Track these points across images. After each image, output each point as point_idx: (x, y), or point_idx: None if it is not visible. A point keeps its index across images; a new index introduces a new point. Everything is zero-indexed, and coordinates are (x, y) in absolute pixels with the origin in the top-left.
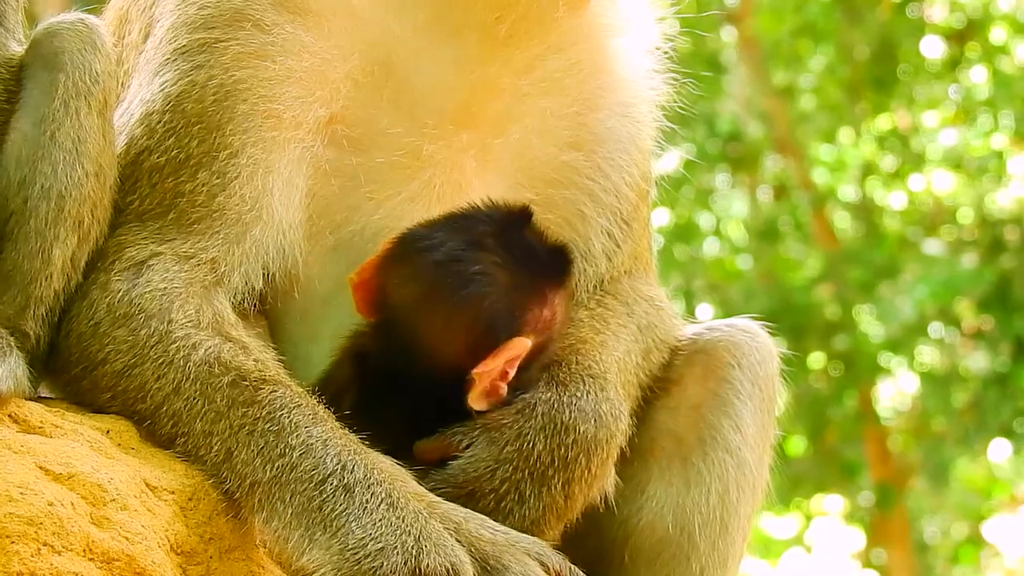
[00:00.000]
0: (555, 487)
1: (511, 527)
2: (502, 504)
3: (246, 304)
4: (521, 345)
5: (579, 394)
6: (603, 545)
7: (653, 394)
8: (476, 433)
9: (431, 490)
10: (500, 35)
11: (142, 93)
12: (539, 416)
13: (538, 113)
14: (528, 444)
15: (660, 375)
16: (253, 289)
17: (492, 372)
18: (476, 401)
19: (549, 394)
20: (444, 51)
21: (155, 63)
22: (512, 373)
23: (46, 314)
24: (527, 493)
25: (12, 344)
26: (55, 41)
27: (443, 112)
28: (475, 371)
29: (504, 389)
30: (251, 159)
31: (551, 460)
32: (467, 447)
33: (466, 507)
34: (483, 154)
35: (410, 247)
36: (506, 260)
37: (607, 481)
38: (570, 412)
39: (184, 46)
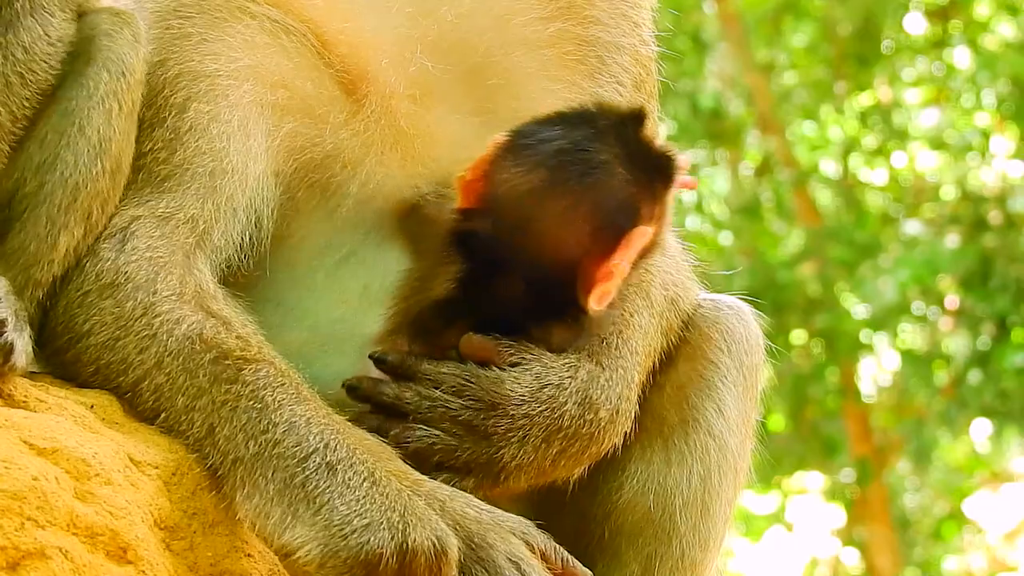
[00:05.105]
0: (551, 450)
1: (483, 455)
2: (507, 433)
3: (234, 262)
4: (644, 234)
5: (612, 381)
6: (583, 521)
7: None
8: (530, 357)
9: (459, 376)
10: None
11: None
12: (580, 380)
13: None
14: (562, 398)
15: None
16: (240, 245)
17: (622, 266)
18: (598, 299)
19: (591, 366)
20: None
21: None
22: (627, 270)
23: (42, 298)
24: (529, 440)
25: (25, 320)
26: (102, 38)
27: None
28: (612, 263)
29: (614, 292)
30: (197, 112)
31: (567, 425)
32: (514, 365)
33: (480, 418)
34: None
35: (530, 138)
36: (624, 154)
37: (579, 469)
38: (603, 392)
39: None
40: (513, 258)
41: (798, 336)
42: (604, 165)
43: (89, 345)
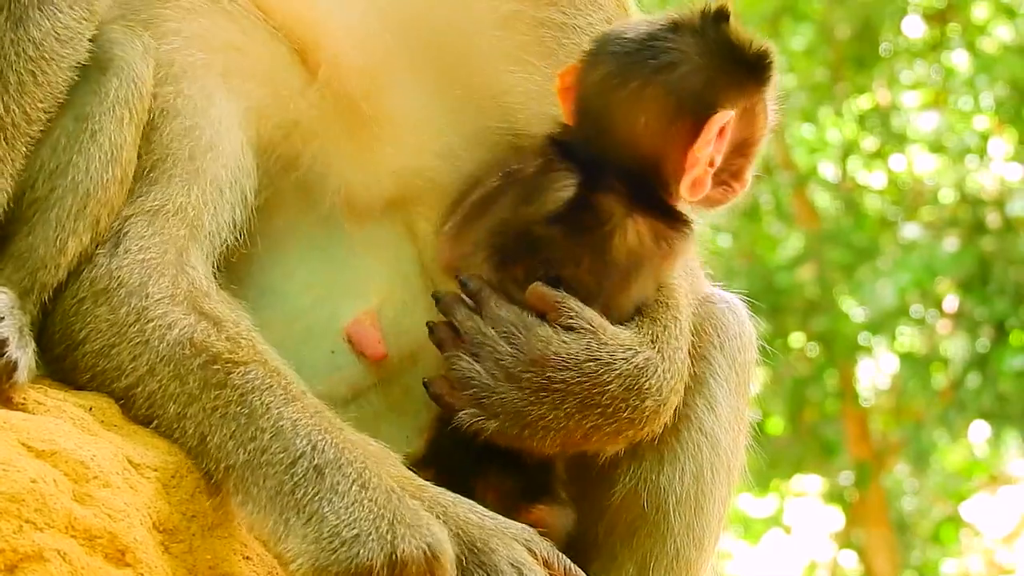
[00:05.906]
0: (584, 422)
1: (512, 405)
2: (541, 394)
3: (230, 242)
4: (724, 117)
5: (669, 374)
6: (578, 521)
7: None
8: (586, 328)
9: (513, 323)
10: None
11: None
12: (635, 365)
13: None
14: (607, 377)
15: None
16: (232, 223)
17: (706, 152)
18: (690, 189)
19: (652, 353)
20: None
21: None
22: (718, 160)
23: (46, 301)
24: (563, 405)
25: (30, 335)
26: (114, 48)
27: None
28: (695, 149)
29: (709, 180)
30: (163, 95)
31: (607, 403)
32: (568, 329)
33: (518, 369)
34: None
35: (610, 36)
36: (702, 45)
37: (613, 448)
38: (656, 383)
39: None
40: (606, 159)
41: (796, 339)
42: (675, 52)
43: (85, 352)
